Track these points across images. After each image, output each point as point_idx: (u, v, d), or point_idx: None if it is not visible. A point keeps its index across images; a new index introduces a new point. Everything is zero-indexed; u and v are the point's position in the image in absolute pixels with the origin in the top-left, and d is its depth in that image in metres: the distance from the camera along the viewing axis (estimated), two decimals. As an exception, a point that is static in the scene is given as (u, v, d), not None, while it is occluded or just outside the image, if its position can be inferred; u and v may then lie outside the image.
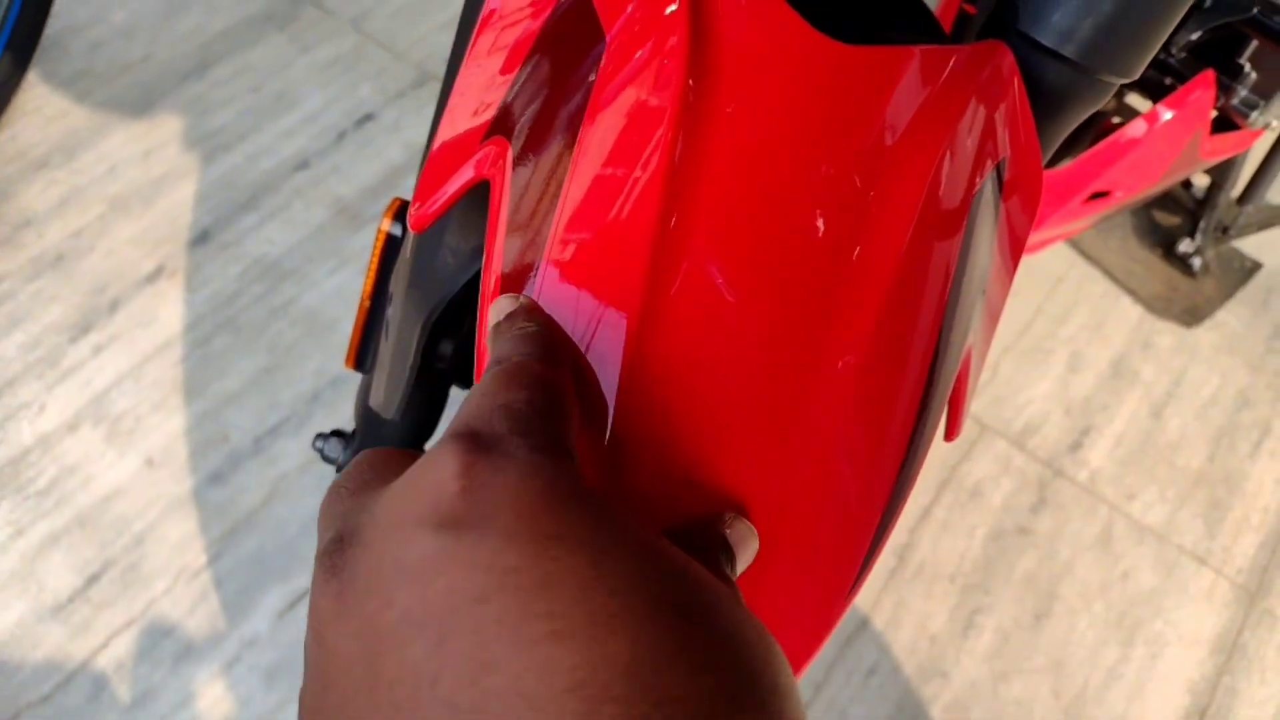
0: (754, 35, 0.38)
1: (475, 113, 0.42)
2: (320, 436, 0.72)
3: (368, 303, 0.65)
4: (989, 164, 0.41)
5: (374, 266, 0.63)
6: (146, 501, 1.09)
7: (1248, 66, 1.03)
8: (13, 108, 1.35)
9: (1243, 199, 1.46)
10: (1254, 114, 1.06)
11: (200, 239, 1.28)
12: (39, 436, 1.12)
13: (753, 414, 0.34)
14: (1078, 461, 1.32)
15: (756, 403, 0.34)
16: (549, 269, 0.34)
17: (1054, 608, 1.20)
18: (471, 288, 0.47)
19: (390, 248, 0.63)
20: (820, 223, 0.36)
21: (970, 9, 1.10)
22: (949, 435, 0.44)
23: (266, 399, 1.17)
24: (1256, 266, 1.54)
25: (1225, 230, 1.48)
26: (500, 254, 0.36)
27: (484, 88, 0.42)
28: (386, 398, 0.59)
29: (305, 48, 1.49)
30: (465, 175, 0.41)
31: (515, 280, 0.35)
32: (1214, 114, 1.07)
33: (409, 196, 1.34)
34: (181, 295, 1.23)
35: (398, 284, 0.54)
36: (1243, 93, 1.05)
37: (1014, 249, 0.44)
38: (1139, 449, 1.35)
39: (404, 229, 0.62)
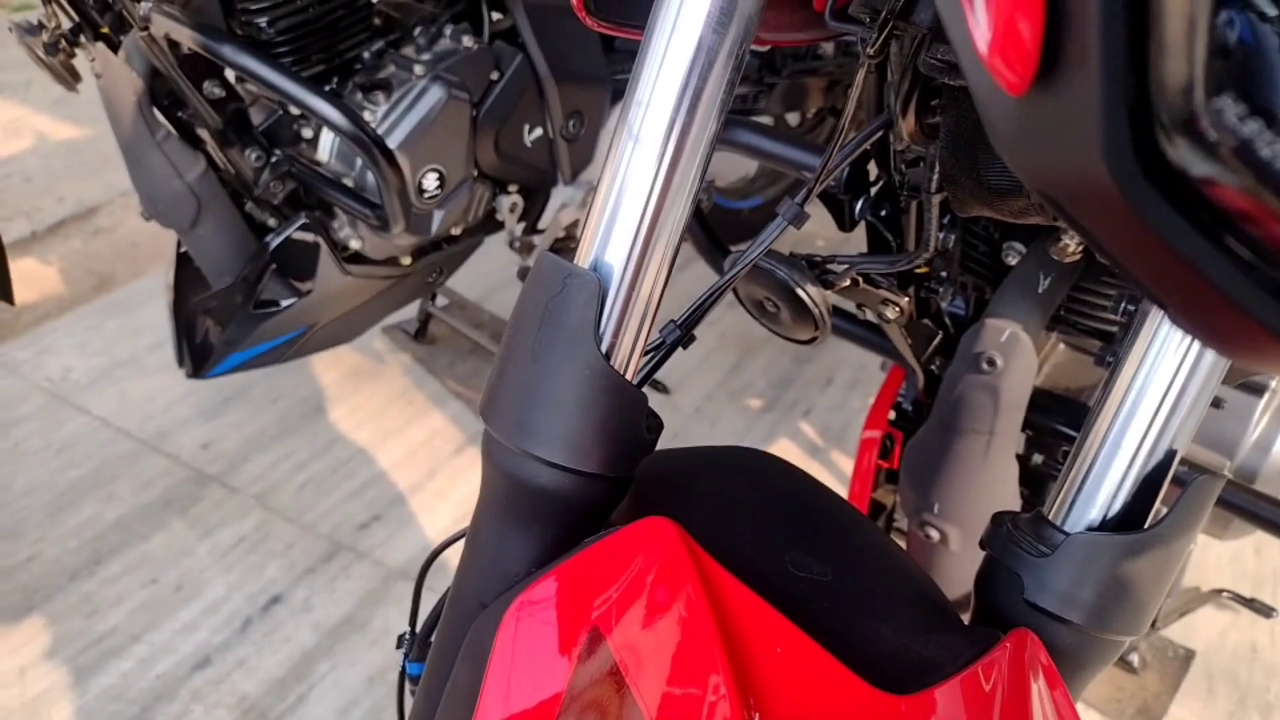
0: (808, 686, 0.38)
1: None
2: None
3: None
4: None
5: None
6: None
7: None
8: None
9: (1159, 589, 1.49)
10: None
11: (77, 770, 1.12)
12: None
13: None
14: None
15: None
16: None
17: None
18: None
19: None
20: None
21: (897, 435, 1.16)
22: None
23: None
24: (1191, 654, 1.54)
25: (1153, 622, 1.50)
26: None
27: None
28: None
29: (207, 531, 1.44)
30: None
31: None
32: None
33: (323, 688, 1.24)
34: None
35: None
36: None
37: None
38: None
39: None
